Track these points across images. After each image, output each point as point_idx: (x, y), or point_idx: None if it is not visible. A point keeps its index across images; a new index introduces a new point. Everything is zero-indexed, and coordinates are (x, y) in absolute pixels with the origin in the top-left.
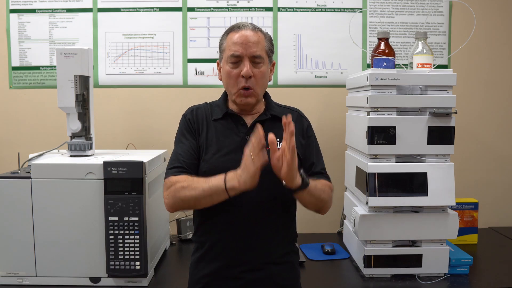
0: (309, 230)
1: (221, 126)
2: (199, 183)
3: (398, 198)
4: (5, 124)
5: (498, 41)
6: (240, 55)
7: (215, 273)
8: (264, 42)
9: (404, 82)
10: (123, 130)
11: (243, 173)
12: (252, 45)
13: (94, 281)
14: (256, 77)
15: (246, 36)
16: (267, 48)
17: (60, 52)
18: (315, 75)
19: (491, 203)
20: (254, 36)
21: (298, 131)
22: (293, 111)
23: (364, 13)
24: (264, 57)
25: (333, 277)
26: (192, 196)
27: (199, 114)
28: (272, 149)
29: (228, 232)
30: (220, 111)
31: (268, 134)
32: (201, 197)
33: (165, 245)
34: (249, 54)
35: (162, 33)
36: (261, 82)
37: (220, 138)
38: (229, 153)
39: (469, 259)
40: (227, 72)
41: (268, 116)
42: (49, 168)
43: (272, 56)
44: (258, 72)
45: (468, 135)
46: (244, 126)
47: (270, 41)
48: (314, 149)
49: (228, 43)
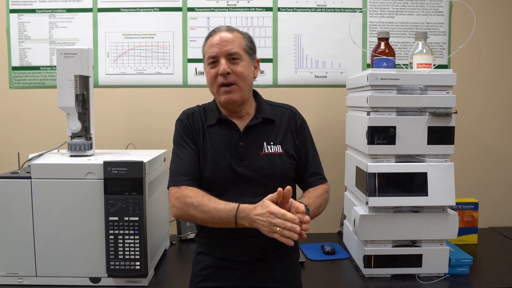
0: (309, 230)
1: (216, 133)
2: (209, 207)
3: (398, 198)
4: (5, 124)
5: (498, 41)
6: (216, 55)
7: (215, 264)
8: (240, 40)
9: (404, 82)
10: (123, 130)
11: (257, 224)
12: (227, 44)
13: (94, 281)
14: (235, 73)
15: (221, 37)
16: (245, 46)
17: (60, 52)
18: (315, 75)
19: (491, 203)
20: (228, 36)
21: (291, 129)
22: (285, 109)
23: (364, 13)
24: (241, 54)
25: (333, 277)
26: (201, 217)
27: (195, 119)
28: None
29: (226, 232)
30: (213, 116)
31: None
32: (209, 221)
33: (165, 245)
34: (224, 52)
35: (162, 33)
36: (242, 77)
37: (216, 146)
38: (226, 160)
39: (469, 259)
40: (207, 73)
41: (259, 120)
42: (49, 168)
43: (255, 54)
44: (236, 67)
45: (468, 135)
46: (237, 132)
47: (249, 39)
48: (309, 147)
49: (207, 48)
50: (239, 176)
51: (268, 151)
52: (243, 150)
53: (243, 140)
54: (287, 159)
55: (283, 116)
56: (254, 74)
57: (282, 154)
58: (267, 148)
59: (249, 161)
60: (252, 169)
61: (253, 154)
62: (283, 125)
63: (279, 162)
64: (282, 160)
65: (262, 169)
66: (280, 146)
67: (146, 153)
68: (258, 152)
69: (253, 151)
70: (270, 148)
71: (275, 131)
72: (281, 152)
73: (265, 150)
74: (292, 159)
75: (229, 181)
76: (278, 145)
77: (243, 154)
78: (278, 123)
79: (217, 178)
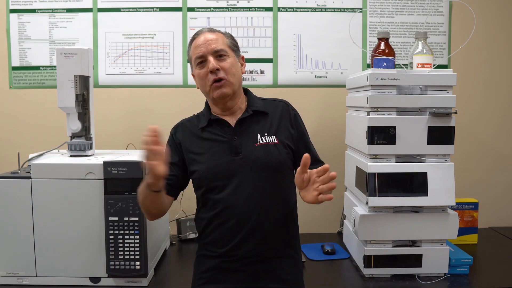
0: (309, 230)
1: (208, 133)
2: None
3: (398, 198)
4: (5, 124)
5: (498, 41)
6: (203, 55)
7: (217, 266)
8: (224, 38)
9: (404, 82)
10: (123, 130)
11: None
12: (211, 42)
13: (94, 281)
14: (224, 69)
15: (205, 37)
16: (229, 43)
17: (60, 52)
18: (315, 75)
19: (491, 203)
20: (212, 36)
21: (285, 120)
22: (278, 102)
23: (364, 13)
24: (227, 50)
25: (333, 277)
26: (141, 204)
27: (183, 129)
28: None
29: (230, 228)
30: (204, 119)
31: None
32: (141, 201)
33: (165, 245)
34: (210, 50)
35: (162, 33)
36: (231, 72)
37: (208, 144)
38: (219, 157)
39: (469, 259)
40: (198, 75)
41: (250, 113)
42: (49, 168)
43: (238, 51)
44: (224, 63)
45: (468, 135)
46: (229, 128)
47: (231, 38)
48: (307, 137)
49: (192, 50)
50: (236, 169)
51: (262, 141)
52: (238, 143)
53: (236, 134)
54: (283, 149)
55: (276, 108)
56: (242, 70)
57: (278, 144)
58: (261, 139)
59: (244, 154)
60: (248, 161)
61: (248, 146)
62: (276, 116)
63: (275, 152)
64: (278, 150)
65: (258, 159)
66: (274, 137)
67: None
68: (253, 144)
69: (247, 144)
70: (265, 139)
71: (269, 123)
72: (276, 142)
73: (260, 141)
74: (288, 149)
75: (227, 176)
76: (273, 135)
77: (238, 147)
78: (271, 115)
79: (214, 176)
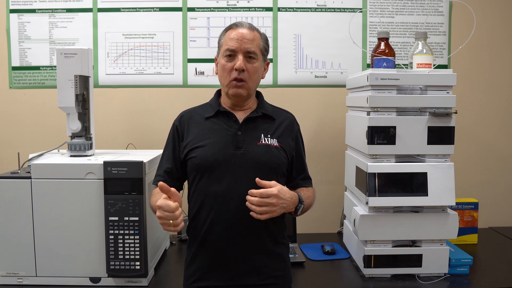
0: (309, 230)
1: (213, 123)
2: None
3: (398, 198)
4: (5, 124)
5: (498, 41)
6: (235, 50)
7: (207, 265)
8: (259, 40)
9: (404, 82)
10: (123, 130)
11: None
12: (247, 41)
13: (94, 281)
14: (249, 72)
15: (242, 33)
16: (261, 47)
17: (60, 52)
18: (315, 75)
19: (491, 203)
20: (249, 34)
21: (289, 131)
22: (286, 113)
23: (364, 13)
24: (258, 54)
25: (333, 277)
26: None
27: (187, 118)
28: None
29: (217, 225)
30: (212, 109)
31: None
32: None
33: (165, 245)
34: (243, 49)
35: (162, 33)
36: (253, 77)
37: (211, 134)
38: (220, 148)
39: (469, 259)
40: (222, 65)
41: (259, 114)
42: (49, 168)
43: (267, 56)
44: (251, 67)
45: (468, 135)
46: (236, 122)
47: (266, 41)
48: (302, 152)
49: (225, 39)
50: (235, 162)
51: (265, 142)
52: (241, 138)
53: (241, 129)
54: (282, 153)
55: (283, 117)
56: (262, 75)
57: (279, 148)
58: (264, 140)
59: (245, 149)
60: (248, 156)
61: (250, 143)
62: (282, 125)
63: (275, 153)
64: (279, 152)
65: (258, 156)
66: (276, 140)
67: (146, 153)
68: (255, 142)
69: (250, 141)
70: (267, 140)
71: (274, 127)
72: (277, 145)
73: (262, 141)
74: (286, 156)
75: (224, 167)
76: (275, 139)
77: (240, 142)
78: (278, 122)
79: (211, 164)
